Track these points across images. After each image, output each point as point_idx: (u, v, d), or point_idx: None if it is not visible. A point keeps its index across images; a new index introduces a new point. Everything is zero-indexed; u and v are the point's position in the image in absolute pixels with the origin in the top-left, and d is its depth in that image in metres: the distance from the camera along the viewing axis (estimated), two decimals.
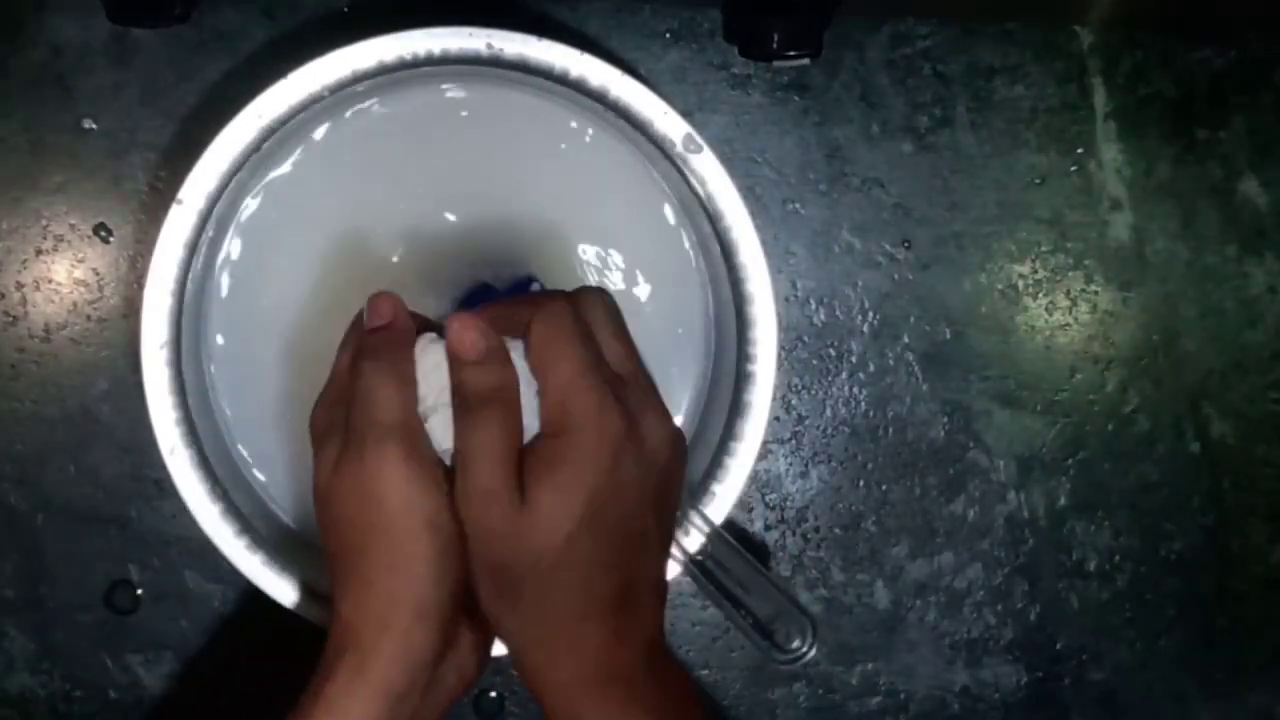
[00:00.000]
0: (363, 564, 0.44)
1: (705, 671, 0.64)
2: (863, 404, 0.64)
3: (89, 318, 0.61)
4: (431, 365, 0.46)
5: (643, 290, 0.59)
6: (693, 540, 0.53)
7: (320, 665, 0.45)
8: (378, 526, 0.44)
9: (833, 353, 0.63)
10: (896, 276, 0.63)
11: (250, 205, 0.57)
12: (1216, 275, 0.64)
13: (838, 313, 0.63)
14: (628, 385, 0.45)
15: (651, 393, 0.47)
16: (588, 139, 0.58)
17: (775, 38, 0.56)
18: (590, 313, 0.46)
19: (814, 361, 0.63)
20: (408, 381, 0.46)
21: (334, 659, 0.44)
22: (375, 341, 0.47)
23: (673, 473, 0.46)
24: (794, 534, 0.64)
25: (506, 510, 0.43)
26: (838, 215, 0.63)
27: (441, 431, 0.46)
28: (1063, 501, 0.64)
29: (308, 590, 0.55)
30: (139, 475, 0.61)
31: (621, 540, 0.44)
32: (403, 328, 0.47)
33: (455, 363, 0.45)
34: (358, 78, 0.54)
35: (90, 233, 0.61)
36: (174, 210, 0.53)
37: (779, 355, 0.56)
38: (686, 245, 0.59)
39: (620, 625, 0.44)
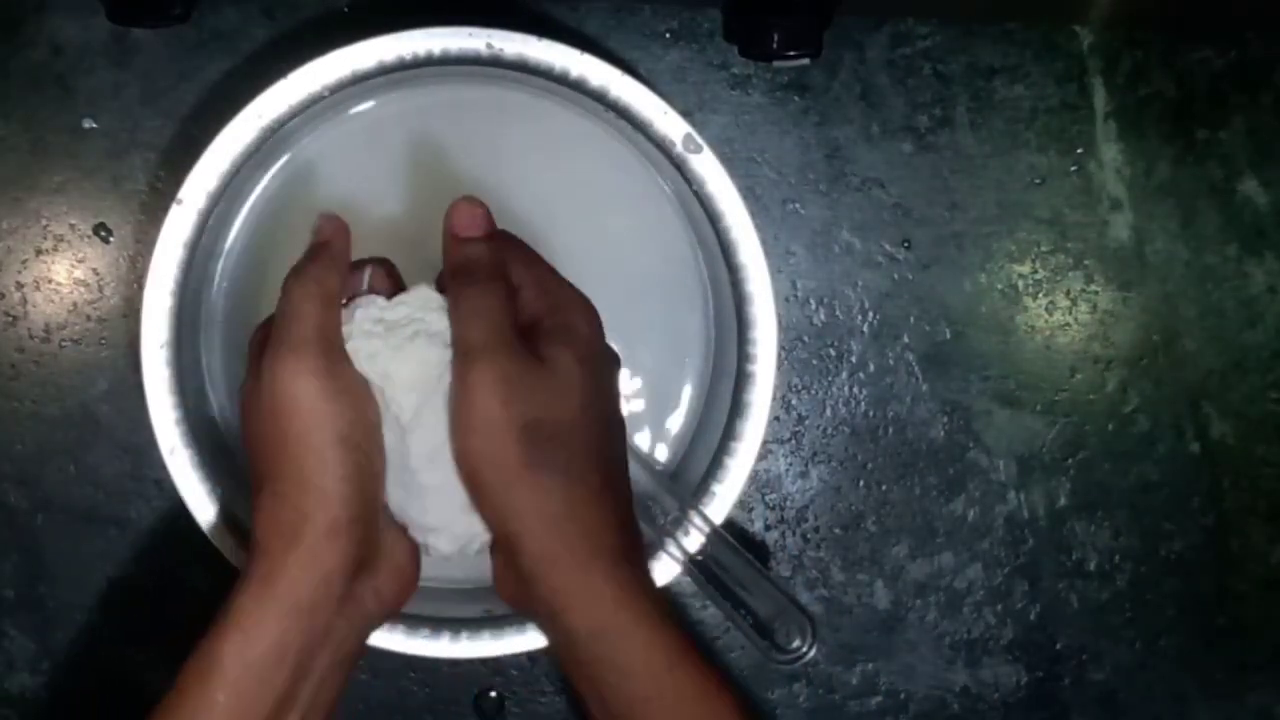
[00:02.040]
0: (275, 477, 0.44)
1: None
2: (863, 404, 0.64)
3: (89, 318, 0.61)
4: (362, 306, 0.47)
5: (643, 290, 0.59)
6: (693, 540, 0.53)
7: (234, 583, 0.45)
8: (288, 438, 0.44)
9: (833, 353, 0.63)
10: (896, 276, 0.63)
11: (250, 205, 0.57)
12: (1216, 275, 0.64)
13: (838, 313, 0.63)
14: None
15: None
16: (588, 139, 0.58)
17: (775, 38, 0.56)
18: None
19: (814, 361, 0.63)
20: (330, 301, 0.46)
21: (244, 574, 0.45)
22: (306, 260, 0.47)
23: (617, 374, 0.51)
24: (794, 534, 0.64)
25: (532, 368, 0.44)
26: (838, 215, 0.63)
27: (395, 379, 0.46)
28: (1063, 501, 0.64)
29: None
30: (139, 475, 0.61)
31: (613, 418, 0.48)
32: (337, 250, 0.48)
33: (455, 240, 0.47)
34: (358, 78, 0.54)
35: (90, 233, 0.61)
36: (174, 210, 0.54)
37: (779, 355, 0.56)
38: (686, 245, 0.59)
39: (624, 508, 0.47)
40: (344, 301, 0.48)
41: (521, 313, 0.47)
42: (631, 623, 0.44)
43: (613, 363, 0.50)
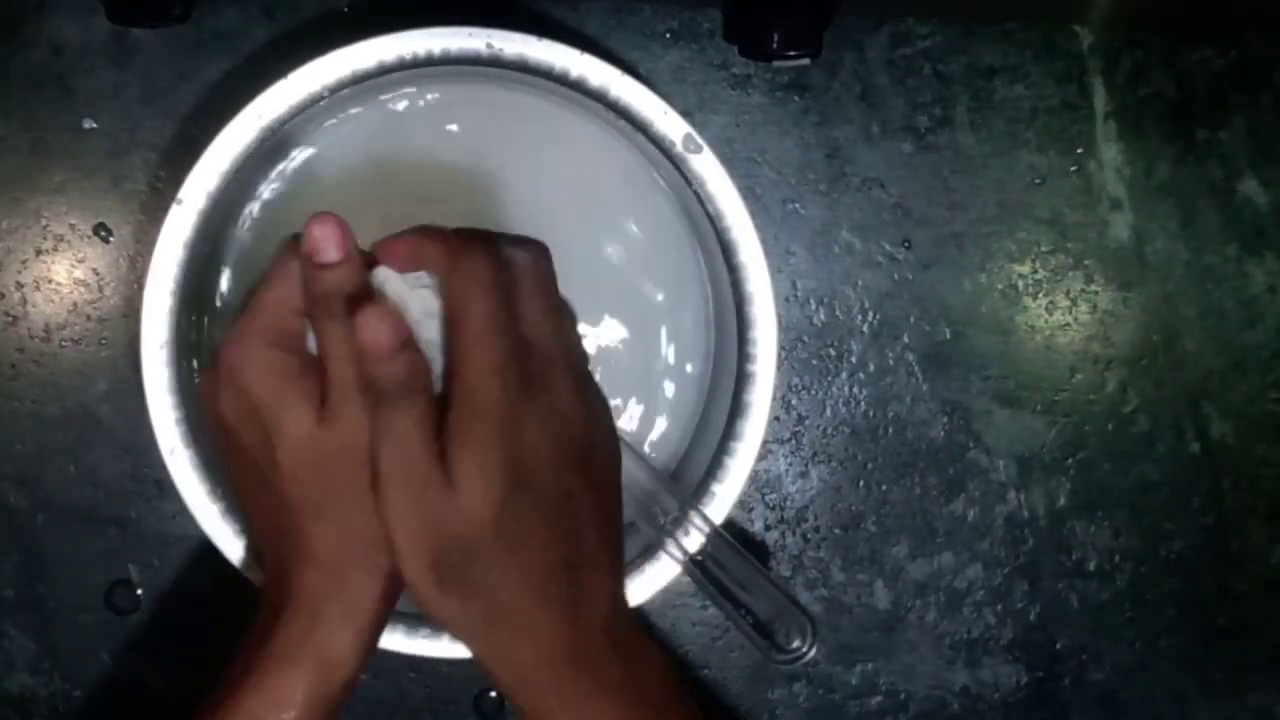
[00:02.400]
0: (348, 515, 0.44)
1: (705, 671, 0.64)
2: (863, 404, 0.64)
3: (89, 318, 0.61)
4: (419, 313, 0.45)
5: (642, 290, 0.59)
6: (693, 540, 0.53)
7: (293, 609, 0.45)
8: (366, 483, 0.43)
9: (833, 353, 0.63)
10: (896, 276, 0.63)
11: (250, 205, 0.57)
12: (1216, 275, 0.64)
13: (838, 313, 0.63)
14: (534, 348, 0.44)
15: (564, 355, 0.45)
16: (588, 139, 0.58)
17: (775, 38, 0.56)
18: (517, 265, 0.45)
19: (814, 361, 0.63)
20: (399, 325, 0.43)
21: (318, 602, 0.44)
22: (337, 284, 0.44)
23: (594, 438, 0.45)
24: (794, 534, 0.64)
25: (438, 491, 0.42)
26: (838, 215, 0.63)
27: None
28: (1063, 501, 0.64)
29: None
30: (139, 475, 0.61)
31: (548, 508, 0.43)
32: (359, 265, 0.45)
33: (366, 356, 0.43)
34: (358, 78, 0.54)
35: (90, 233, 0.61)
36: (174, 210, 0.54)
37: (779, 355, 0.56)
38: (686, 245, 0.59)
39: (571, 603, 0.43)
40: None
41: (448, 377, 0.44)
42: None
43: (565, 426, 0.44)
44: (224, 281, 0.57)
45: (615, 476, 0.47)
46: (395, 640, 0.54)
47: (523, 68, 0.54)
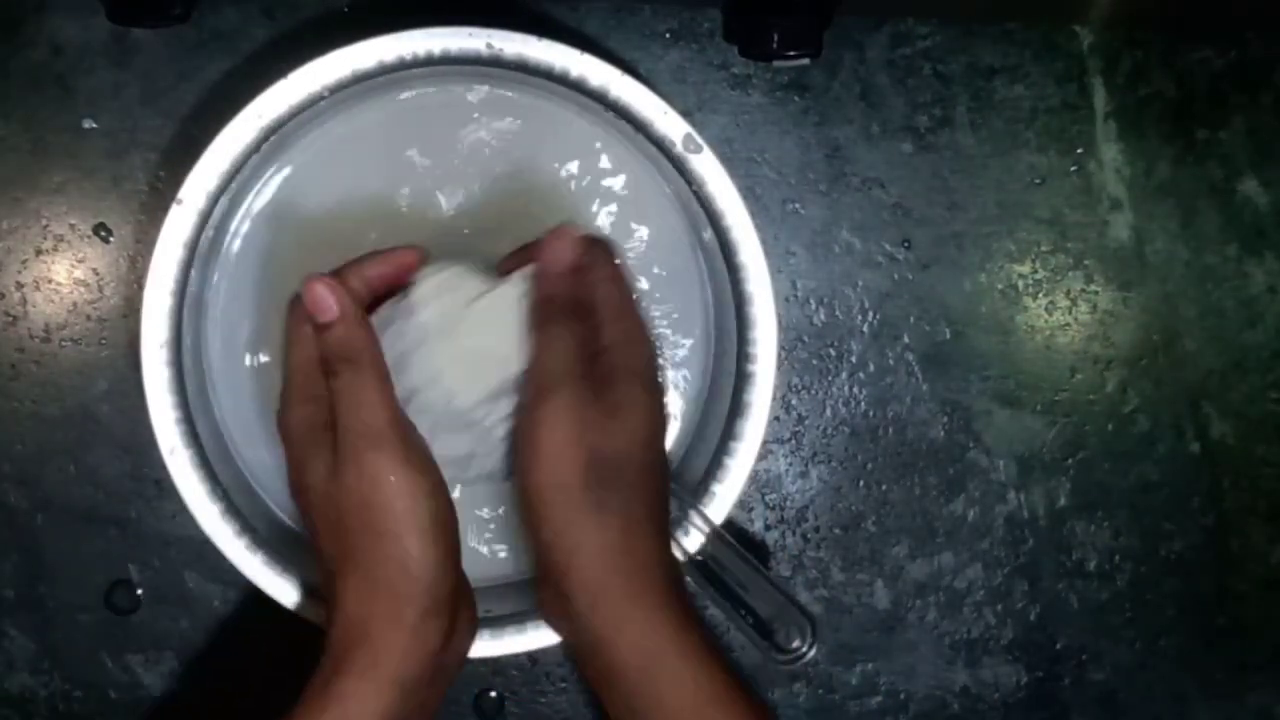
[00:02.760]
0: (369, 564, 0.45)
1: None
2: (863, 404, 0.64)
3: (89, 318, 0.61)
4: (411, 344, 0.47)
5: (643, 289, 0.59)
6: (693, 540, 0.53)
7: (325, 661, 0.45)
8: (383, 530, 0.44)
9: (833, 353, 0.63)
10: (896, 276, 0.63)
11: (250, 205, 0.57)
12: (1216, 275, 0.64)
13: (838, 313, 0.63)
14: None
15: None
16: (588, 139, 0.58)
17: (775, 38, 0.56)
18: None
19: (814, 361, 0.63)
20: (383, 377, 0.46)
21: (343, 654, 0.45)
22: (337, 342, 0.47)
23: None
24: (794, 534, 0.64)
25: (596, 407, 0.45)
26: (838, 215, 0.63)
27: (434, 419, 0.46)
28: (1063, 501, 0.64)
29: (308, 590, 0.54)
30: (139, 475, 0.61)
31: (662, 460, 0.49)
32: (357, 320, 0.47)
33: (547, 272, 0.48)
34: (358, 78, 0.54)
35: (90, 233, 0.61)
36: (174, 210, 0.53)
37: (779, 355, 0.56)
38: (687, 245, 0.59)
39: (668, 547, 0.48)
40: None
41: (595, 339, 0.48)
42: (678, 658, 0.45)
43: (662, 398, 0.50)
44: (218, 280, 0.57)
45: None
46: None
47: (523, 68, 0.54)
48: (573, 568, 0.45)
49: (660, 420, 0.48)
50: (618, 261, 0.51)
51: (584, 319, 0.47)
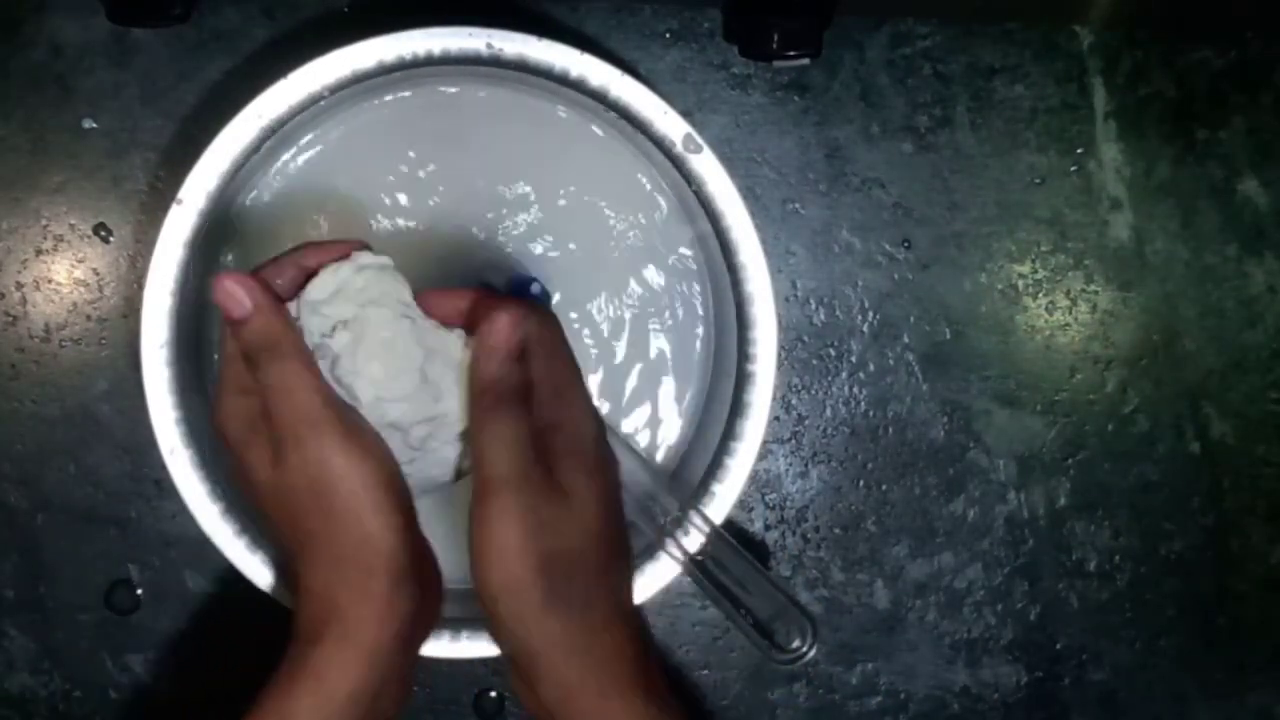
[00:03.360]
0: (329, 544, 0.45)
1: (705, 671, 0.64)
2: (863, 404, 0.64)
3: (89, 318, 0.61)
4: (342, 345, 0.46)
5: (642, 290, 0.59)
6: (693, 540, 0.53)
7: (294, 643, 0.45)
8: (337, 510, 0.44)
9: (833, 353, 0.63)
10: (896, 276, 0.63)
11: (250, 204, 0.57)
12: (1216, 275, 0.64)
13: (838, 313, 0.63)
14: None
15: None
16: (588, 139, 0.58)
17: (775, 38, 0.56)
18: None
19: (814, 361, 0.63)
20: (309, 363, 0.45)
21: (314, 631, 0.45)
22: (255, 335, 0.46)
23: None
24: (794, 534, 0.64)
25: (549, 496, 0.44)
26: (838, 215, 0.63)
27: (353, 366, 0.45)
28: (1063, 501, 0.64)
29: None
30: (139, 475, 0.61)
31: (621, 537, 0.47)
32: (271, 309, 0.46)
33: (487, 353, 0.45)
34: (358, 78, 0.54)
35: (90, 233, 0.61)
36: (174, 210, 0.53)
37: (779, 355, 0.56)
38: (686, 245, 0.59)
39: (638, 631, 0.46)
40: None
41: (536, 415, 0.46)
42: None
43: (615, 472, 0.48)
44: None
45: None
46: None
47: (523, 68, 0.54)
48: (539, 669, 0.44)
49: (612, 505, 0.46)
50: (553, 332, 0.48)
51: (526, 400, 0.46)
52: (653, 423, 0.60)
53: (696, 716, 0.63)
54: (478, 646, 0.55)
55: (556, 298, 0.58)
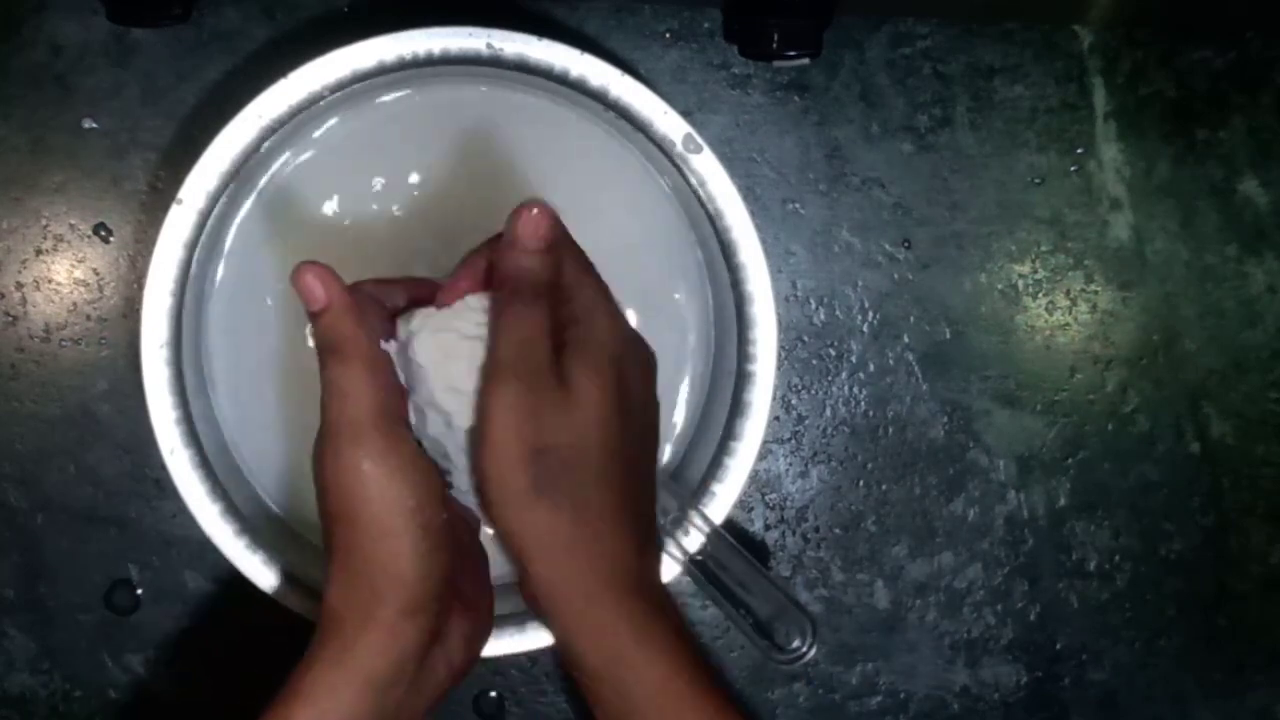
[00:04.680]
0: (347, 556, 0.44)
1: None
2: (863, 404, 0.64)
3: (89, 318, 0.61)
4: (440, 352, 0.46)
5: (643, 290, 0.59)
6: (693, 540, 0.53)
7: (307, 650, 0.45)
8: (360, 522, 0.44)
9: (833, 353, 0.63)
10: (896, 276, 0.63)
11: (251, 204, 0.57)
12: (1216, 275, 0.64)
13: (838, 313, 0.63)
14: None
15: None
16: (588, 139, 0.58)
17: (775, 38, 0.56)
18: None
19: (814, 361, 0.63)
20: (376, 367, 0.45)
21: (317, 645, 0.44)
22: (324, 331, 0.45)
23: (654, 385, 0.49)
24: (794, 534, 0.64)
25: (551, 395, 0.43)
26: (838, 215, 0.63)
27: (446, 421, 0.46)
28: (1063, 501, 0.64)
29: (307, 589, 0.55)
30: (139, 475, 0.61)
31: (639, 439, 0.46)
32: (344, 310, 0.46)
33: (513, 248, 0.45)
34: (358, 78, 0.54)
35: (90, 233, 0.61)
36: (174, 210, 0.54)
37: (779, 355, 0.56)
38: (686, 245, 0.59)
39: (640, 534, 0.45)
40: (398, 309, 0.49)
41: (556, 314, 0.46)
42: (640, 657, 0.44)
43: (644, 369, 0.48)
44: (218, 280, 0.57)
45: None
46: None
47: (523, 68, 0.54)
48: (529, 566, 0.44)
49: (626, 403, 0.45)
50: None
51: (549, 301, 0.45)
52: None
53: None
54: None
55: None
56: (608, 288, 0.48)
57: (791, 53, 0.56)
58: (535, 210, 0.45)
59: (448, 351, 0.46)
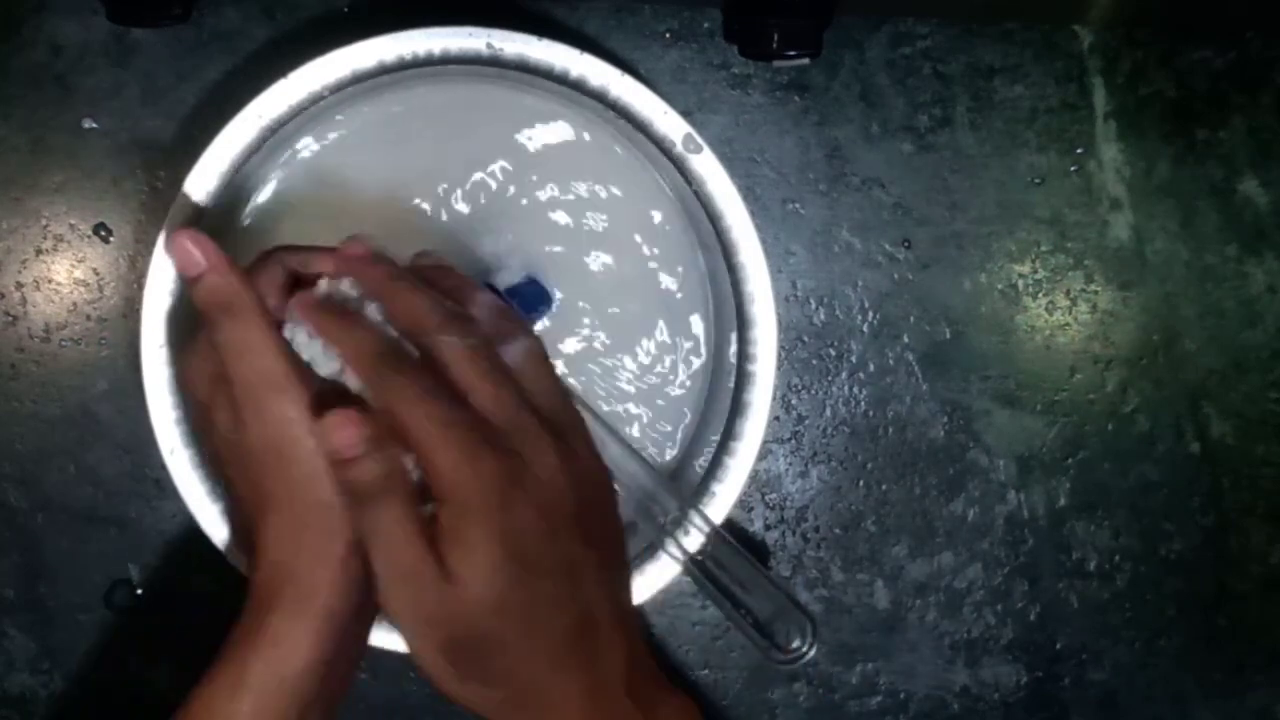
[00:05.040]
0: (288, 507, 0.44)
1: (705, 671, 0.64)
2: (863, 404, 0.64)
3: (89, 318, 0.61)
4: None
5: (643, 290, 0.59)
6: (693, 540, 0.53)
7: (249, 606, 0.45)
8: (297, 473, 0.44)
9: (833, 353, 0.63)
10: (896, 276, 0.63)
11: (249, 205, 0.57)
12: (1216, 275, 0.64)
13: (838, 313, 0.63)
14: (500, 421, 0.43)
15: (538, 416, 0.44)
16: (587, 139, 0.58)
17: (775, 38, 0.56)
18: (474, 322, 0.45)
19: (814, 361, 0.63)
20: (270, 323, 0.45)
21: (270, 595, 0.45)
22: (209, 293, 0.45)
23: (584, 495, 0.44)
24: (794, 534, 0.64)
25: (436, 585, 0.42)
26: (838, 215, 0.63)
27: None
28: (1063, 501, 0.64)
29: None
30: (139, 475, 0.61)
31: (553, 578, 0.43)
32: (229, 269, 0.45)
33: (337, 462, 0.43)
34: (358, 78, 0.54)
35: (90, 233, 0.61)
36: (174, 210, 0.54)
37: (779, 355, 0.56)
38: (687, 245, 0.59)
39: (589, 669, 0.43)
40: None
41: (430, 485, 0.43)
42: None
43: (556, 499, 0.43)
44: None
45: (613, 526, 0.46)
46: (395, 640, 0.54)
47: (523, 68, 0.54)
48: None
49: (517, 569, 0.42)
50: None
51: (396, 488, 0.43)
52: (653, 423, 0.60)
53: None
54: None
55: (558, 297, 0.58)
56: (448, 429, 0.42)
57: (791, 53, 0.56)
58: (333, 419, 0.42)
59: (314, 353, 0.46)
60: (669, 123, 0.55)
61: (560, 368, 0.58)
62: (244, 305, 0.45)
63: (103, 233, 0.61)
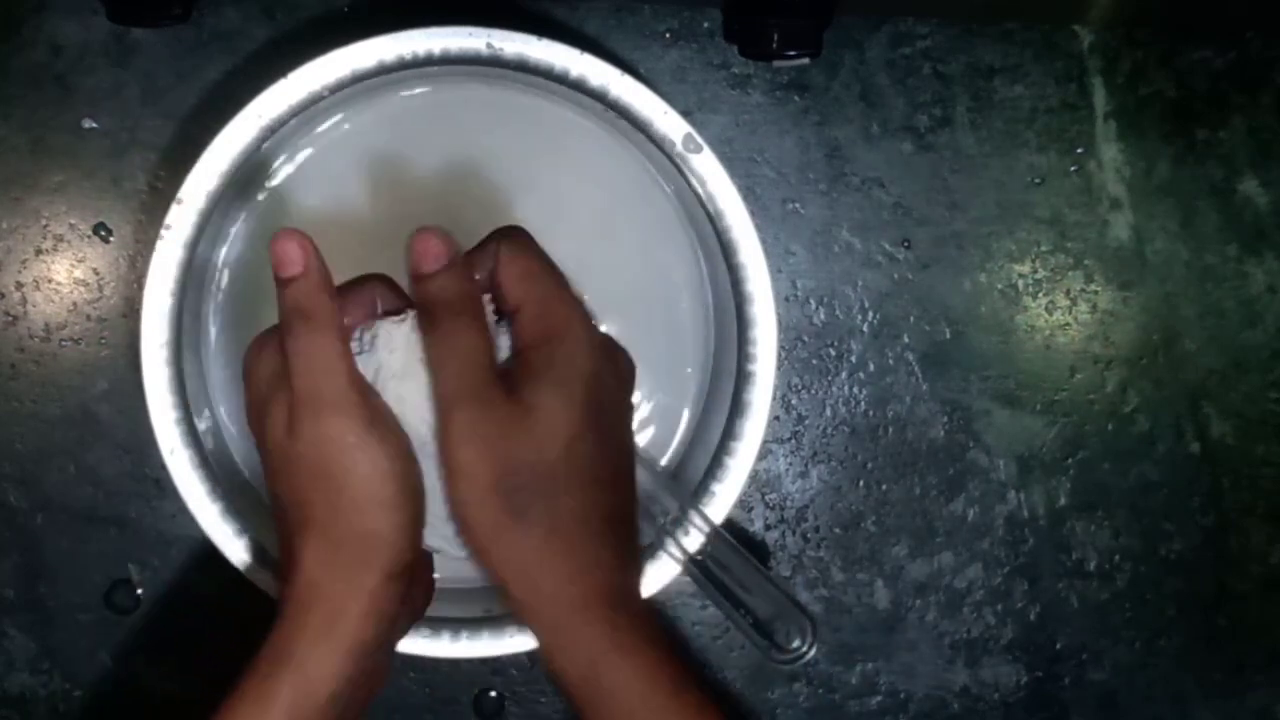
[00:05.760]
0: (330, 528, 0.44)
1: (705, 671, 0.64)
2: (863, 404, 0.64)
3: (89, 318, 0.61)
4: (400, 341, 0.45)
5: (643, 290, 0.59)
6: (693, 540, 0.53)
7: (279, 622, 0.45)
8: (345, 498, 0.43)
9: (833, 353, 0.63)
10: (896, 276, 0.63)
11: (250, 205, 0.57)
12: (1216, 275, 0.64)
13: (838, 313, 0.63)
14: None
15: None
16: (588, 139, 0.58)
17: (775, 38, 0.56)
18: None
19: (814, 361, 0.63)
20: (345, 339, 0.45)
21: (299, 616, 0.44)
22: (297, 297, 0.45)
23: (631, 392, 0.48)
24: (794, 534, 0.64)
25: (506, 410, 0.42)
26: (837, 215, 0.63)
27: (409, 401, 0.45)
28: (1063, 501, 0.64)
29: None
30: (139, 475, 0.61)
31: (613, 451, 0.45)
32: (320, 279, 0.45)
33: (419, 276, 0.44)
34: (358, 78, 0.54)
35: (90, 233, 0.61)
36: (174, 210, 0.53)
37: (779, 355, 0.56)
38: (686, 245, 0.59)
39: (620, 549, 0.45)
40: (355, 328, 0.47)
41: (516, 337, 0.45)
42: (620, 670, 0.44)
43: (619, 381, 0.47)
44: (218, 279, 0.58)
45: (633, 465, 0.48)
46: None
47: (523, 68, 0.54)
48: (507, 581, 0.44)
49: (595, 417, 0.44)
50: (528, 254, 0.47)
51: (472, 312, 0.44)
52: (653, 423, 0.60)
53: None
54: (478, 646, 0.55)
55: None
56: (580, 302, 0.46)
57: (791, 53, 0.56)
58: (425, 234, 0.44)
59: (385, 379, 0.45)
60: (669, 122, 0.55)
61: None
62: (325, 320, 0.44)
63: (103, 233, 0.61)
